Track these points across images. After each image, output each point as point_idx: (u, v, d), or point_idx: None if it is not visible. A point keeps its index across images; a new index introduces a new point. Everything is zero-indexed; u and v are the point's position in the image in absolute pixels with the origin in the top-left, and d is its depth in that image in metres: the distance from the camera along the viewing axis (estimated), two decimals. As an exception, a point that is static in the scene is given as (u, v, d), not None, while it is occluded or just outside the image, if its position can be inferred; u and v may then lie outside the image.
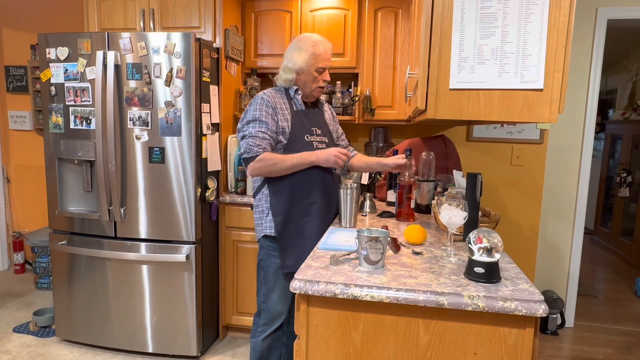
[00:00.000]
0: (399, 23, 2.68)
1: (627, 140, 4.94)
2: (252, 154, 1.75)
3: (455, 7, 1.30)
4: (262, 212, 1.87)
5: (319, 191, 1.84)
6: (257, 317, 1.95)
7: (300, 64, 1.83)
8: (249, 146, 1.76)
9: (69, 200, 2.54)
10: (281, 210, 1.81)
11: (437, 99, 1.34)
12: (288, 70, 1.85)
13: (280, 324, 1.89)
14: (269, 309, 1.88)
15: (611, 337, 2.98)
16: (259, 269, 1.92)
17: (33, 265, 3.47)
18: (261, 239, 1.88)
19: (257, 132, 1.76)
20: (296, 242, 1.81)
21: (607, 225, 5.35)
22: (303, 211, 1.83)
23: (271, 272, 1.85)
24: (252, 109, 1.79)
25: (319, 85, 1.88)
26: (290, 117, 1.83)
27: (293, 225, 1.82)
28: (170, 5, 2.58)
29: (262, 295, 1.89)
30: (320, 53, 1.83)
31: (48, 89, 2.42)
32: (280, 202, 1.81)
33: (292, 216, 1.82)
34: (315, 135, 1.91)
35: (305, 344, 1.22)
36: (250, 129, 1.77)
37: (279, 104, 1.82)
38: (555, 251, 3.08)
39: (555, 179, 3.03)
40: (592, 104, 2.94)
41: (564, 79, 1.27)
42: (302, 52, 1.83)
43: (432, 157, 2.21)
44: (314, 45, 1.83)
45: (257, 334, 1.92)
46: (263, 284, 1.88)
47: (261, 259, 1.89)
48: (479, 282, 1.18)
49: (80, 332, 2.56)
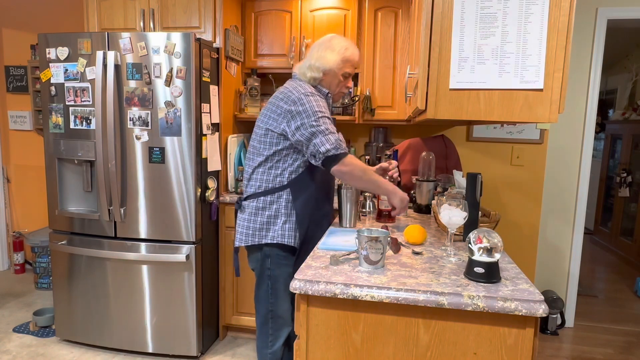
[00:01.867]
0: (399, 23, 2.68)
1: (627, 140, 4.94)
2: (342, 151, 1.64)
3: (455, 7, 1.30)
4: (273, 217, 1.72)
5: (330, 203, 1.86)
6: (264, 327, 1.80)
7: (331, 64, 1.76)
8: (337, 141, 1.63)
9: (69, 200, 2.54)
10: (306, 220, 1.73)
11: (437, 99, 1.34)
12: (315, 69, 1.76)
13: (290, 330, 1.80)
14: (278, 315, 1.77)
15: (611, 337, 2.98)
16: (264, 279, 1.77)
17: (33, 265, 3.47)
18: (267, 247, 1.73)
19: (334, 128, 1.67)
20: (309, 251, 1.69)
21: (607, 225, 5.35)
22: (317, 221, 1.78)
23: (281, 282, 1.74)
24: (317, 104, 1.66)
25: (341, 90, 1.84)
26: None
27: (310, 235, 1.75)
28: (170, 5, 2.58)
29: (270, 304, 1.77)
30: (350, 58, 1.79)
31: (48, 89, 2.42)
32: (306, 211, 1.72)
33: (311, 226, 1.76)
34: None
35: (305, 344, 1.22)
36: (325, 126, 1.63)
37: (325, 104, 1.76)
38: (555, 251, 3.08)
39: (555, 179, 3.03)
40: (592, 104, 2.94)
41: (564, 79, 1.27)
42: (335, 53, 1.76)
43: (432, 157, 2.22)
44: (347, 48, 1.78)
45: (268, 344, 1.80)
46: (271, 294, 1.76)
47: (269, 268, 1.75)
48: (479, 282, 1.18)
49: (80, 332, 2.56)
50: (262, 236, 1.73)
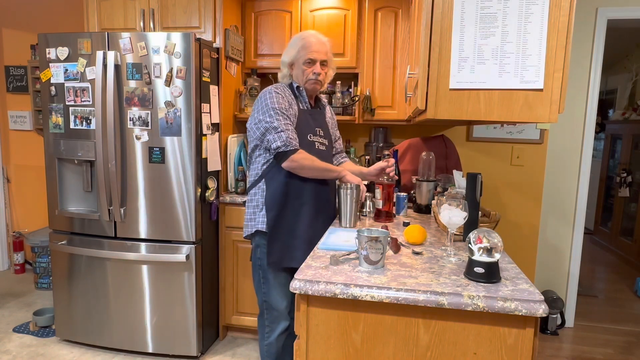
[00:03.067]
0: (399, 23, 2.68)
1: (627, 140, 4.94)
2: (292, 147, 1.73)
3: (455, 7, 1.30)
4: (256, 207, 1.85)
5: (311, 193, 1.84)
6: (261, 319, 1.92)
7: (290, 57, 1.86)
8: (288, 139, 1.73)
9: (69, 200, 2.54)
10: (275, 207, 1.80)
11: (437, 99, 1.34)
12: (283, 66, 1.90)
13: (287, 325, 1.86)
14: (271, 307, 1.86)
15: (611, 337, 2.98)
16: (255, 269, 1.89)
17: (33, 265, 3.47)
18: (256, 237, 1.86)
19: (287, 125, 1.75)
20: (284, 239, 1.81)
21: (607, 225, 5.35)
22: (295, 210, 1.82)
23: (270, 270, 1.84)
24: (271, 101, 1.76)
25: (308, 77, 1.85)
26: (297, 114, 1.84)
27: (284, 223, 1.81)
28: (170, 5, 2.58)
29: (263, 294, 1.87)
30: (307, 45, 1.83)
31: (48, 89, 2.42)
32: (275, 198, 1.80)
33: (284, 214, 1.81)
34: (317, 135, 1.91)
35: (305, 344, 1.22)
36: (281, 122, 1.74)
37: (290, 99, 1.82)
38: (555, 251, 3.08)
39: (555, 179, 3.03)
40: (592, 104, 2.94)
41: (564, 79, 1.27)
42: (292, 46, 1.87)
43: (432, 157, 2.22)
44: (303, 38, 1.85)
45: (265, 336, 1.89)
46: (263, 283, 1.87)
47: (259, 258, 1.86)
48: (479, 282, 1.18)
49: (80, 332, 2.56)
50: (251, 227, 1.87)
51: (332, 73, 1.96)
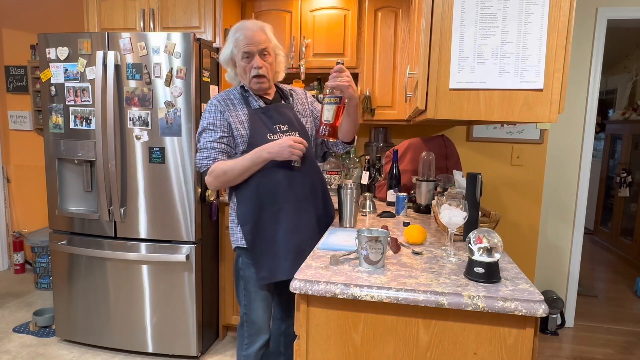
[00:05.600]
0: (399, 23, 2.68)
1: (627, 140, 4.94)
2: (204, 168, 1.65)
3: (455, 7, 1.30)
4: (233, 222, 1.74)
5: (286, 195, 1.66)
6: (240, 329, 1.81)
7: (227, 54, 1.68)
8: (199, 161, 1.66)
9: (69, 200, 2.54)
10: (248, 220, 1.67)
11: (437, 99, 1.34)
12: (225, 66, 1.73)
13: (267, 338, 1.78)
14: (252, 321, 1.76)
15: (611, 337, 2.98)
16: (238, 278, 1.78)
17: (33, 265, 3.47)
18: (236, 248, 1.76)
19: (206, 142, 1.65)
20: (268, 251, 1.67)
21: (607, 225, 5.35)
22: (272, 218, 1.66)
23: (252, 283, 1.73)
24: (203, 117, 1.68)
25: (250, 75, 1.65)
26: (247, 119, 1.67)
27: (263, 234, 1.67)
28: (170, 5, 2.58)
29: (244, 307, 1.77)
30: (239, 38, 1.62)
31: (48, 89, 2.42)
32: (247, 211, 1.67)
33: (261, 225, 1.66)
34: (279, 132, 1.69)
35: (305, 344, 1.22)
36: (201, 141, 1.67)
37: (232, 106, 1.68)
38: (555, 251, 3.08)
39: (555, 179, 3.03)
40: (592, 104, 2.94)
41: (564, 79, 1.27)
42: (227, 44, 1.67)
43: (432, 157, 2.22)
44: (234, 32, 1.64)
45: (243, 347, 1.80)
46: (244, 295, 1.76)
47: (240, 268, 1.76)
48: (479, 282, 1.18)
49: (80, 332, 2.56)
50: (232, 241, 1.77)
51: (283, 59, 1.76)
